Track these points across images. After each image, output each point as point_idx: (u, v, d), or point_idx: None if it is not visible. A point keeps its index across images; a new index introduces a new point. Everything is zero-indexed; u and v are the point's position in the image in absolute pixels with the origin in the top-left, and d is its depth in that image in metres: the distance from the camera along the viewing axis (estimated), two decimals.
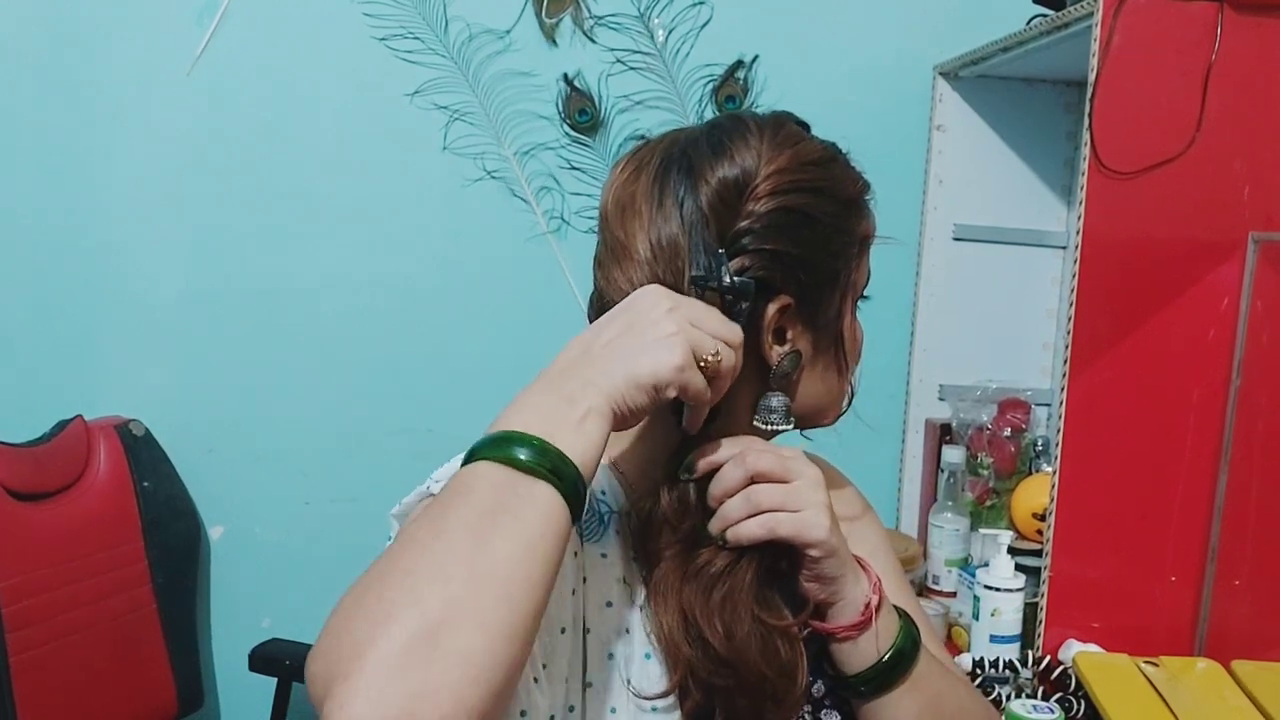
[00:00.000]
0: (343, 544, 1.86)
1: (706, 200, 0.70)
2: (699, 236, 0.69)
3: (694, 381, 0.63)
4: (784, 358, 0.72)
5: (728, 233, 0.70)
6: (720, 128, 0.74)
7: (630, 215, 0.72)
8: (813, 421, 0.80)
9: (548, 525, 0.56)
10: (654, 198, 0.71)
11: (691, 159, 0.72)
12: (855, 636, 0.73)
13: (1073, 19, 1.36)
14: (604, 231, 0.75)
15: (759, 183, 0.70)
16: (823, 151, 0.75)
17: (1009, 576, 1.39)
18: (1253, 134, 1.29)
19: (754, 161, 0.71)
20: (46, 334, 1.81)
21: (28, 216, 1.78)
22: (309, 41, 1.81)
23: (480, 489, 0.57)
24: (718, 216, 0.70)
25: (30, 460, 1.62)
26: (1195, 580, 1.34)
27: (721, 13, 1.85)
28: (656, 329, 0.63)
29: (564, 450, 0.58)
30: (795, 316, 0.73)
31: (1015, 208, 1.84)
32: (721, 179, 0.70)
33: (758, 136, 0.72)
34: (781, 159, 0.71)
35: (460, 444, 0.64)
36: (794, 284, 0.72)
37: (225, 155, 1.81)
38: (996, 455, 1.73)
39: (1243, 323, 1.31)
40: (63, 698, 1.58)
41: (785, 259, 0.71)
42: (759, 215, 0.70)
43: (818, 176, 0.73)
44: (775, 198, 0.70)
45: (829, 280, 0.74)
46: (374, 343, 1.87)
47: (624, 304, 0.66)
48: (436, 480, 0.70)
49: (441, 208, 1.86)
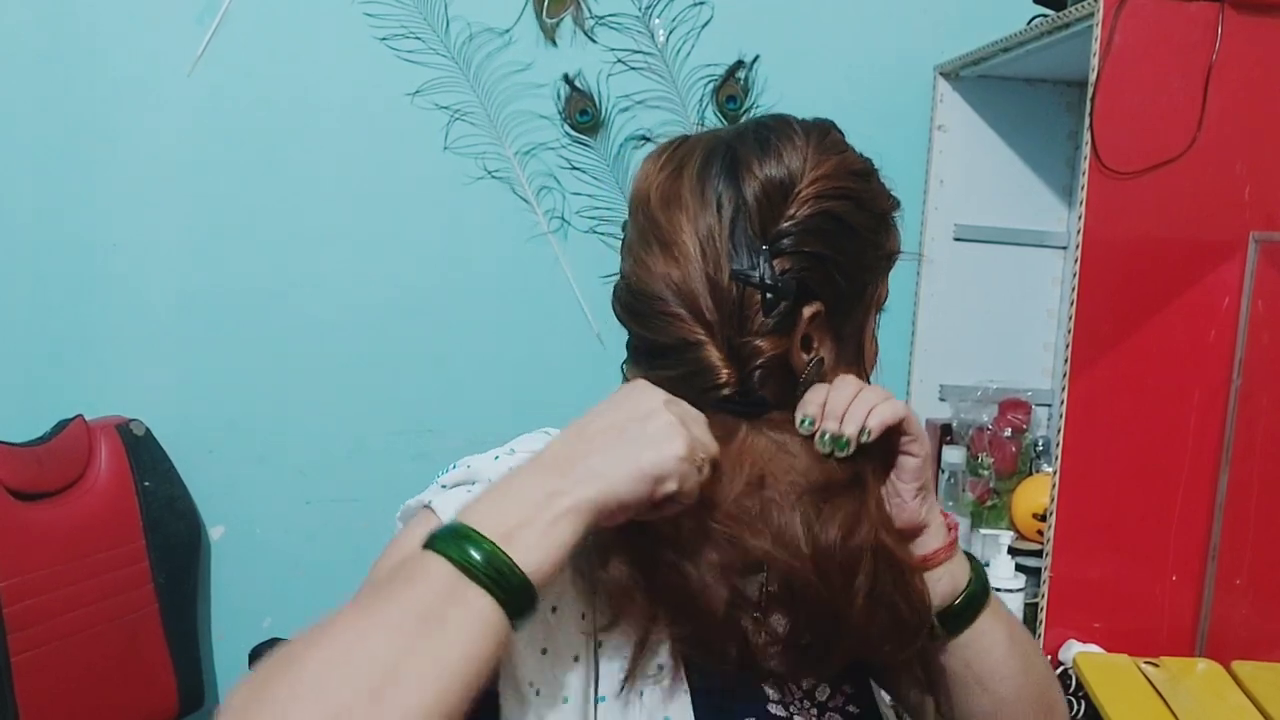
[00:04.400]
0: (343, 544, 1.87)
1: (752, 196, 0.70)
2: (742, 231, 0.70)
3: (691, 477, 0.62)
4: (810, 364, 0.72)
5: (769, 231, 0.70)
6: (767, 127, 0.74)
7: (676, 209, 0.72)
8: None
9: (482, 635, 0.56)
10: (699, 192, 0.71)
11: (738, 155, 0.72)
12: (948, 559, 0.74)
13: (1073, 19, 1.36)
14: (643, 221, 0.74)
15: (803, 186, 0.70)
16: (864, 164, 0.76)
17: (1009, 577, 1.39)
18: (1253, 134, 1.29)
19: (800, 164, 0.71)
20: (47, 334, 1.81)
21: (28, 216, 1.78)
22: (309, 42, 1.81)
23: (423, 587, 0.56)
24: (761, 214, 0.70)
25: (31, 460, 1.62)
26: (1196, 580, 1.34)
27: (721, 13, 1.85)
28: (656, 420, 0.62)
29: (516, 560, 0.57)
30: (824, 325, 0.73)
31: (1016, 208, 1.84)
32: (768, 177, 0.70)
33: (804, 139, 0.72)
34: (827, 165, 0.72)
35: (460, 444, 0.64)
36: (828, 291, 0.72)
37: (225, 155, 1.81)
38: (997, 455, 1.73)
39: (1243, 323, 1.31)
40: (64, 697, 1.58)
41: (824, 263, 0.71)
42: (802, 218, 0.70)
43: (859, 188, 0.73)
44: (819, 202, 0.70)
45: (858, 291, 0.75)
46: (374, 343, 1.87)
47: (617, 397, 0.65)
48: (444, 485, 0.69)
49: (442, 208, 1.86)
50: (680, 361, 0.70)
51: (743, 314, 0.69)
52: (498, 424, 1.83)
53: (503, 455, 0.71)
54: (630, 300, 0.73)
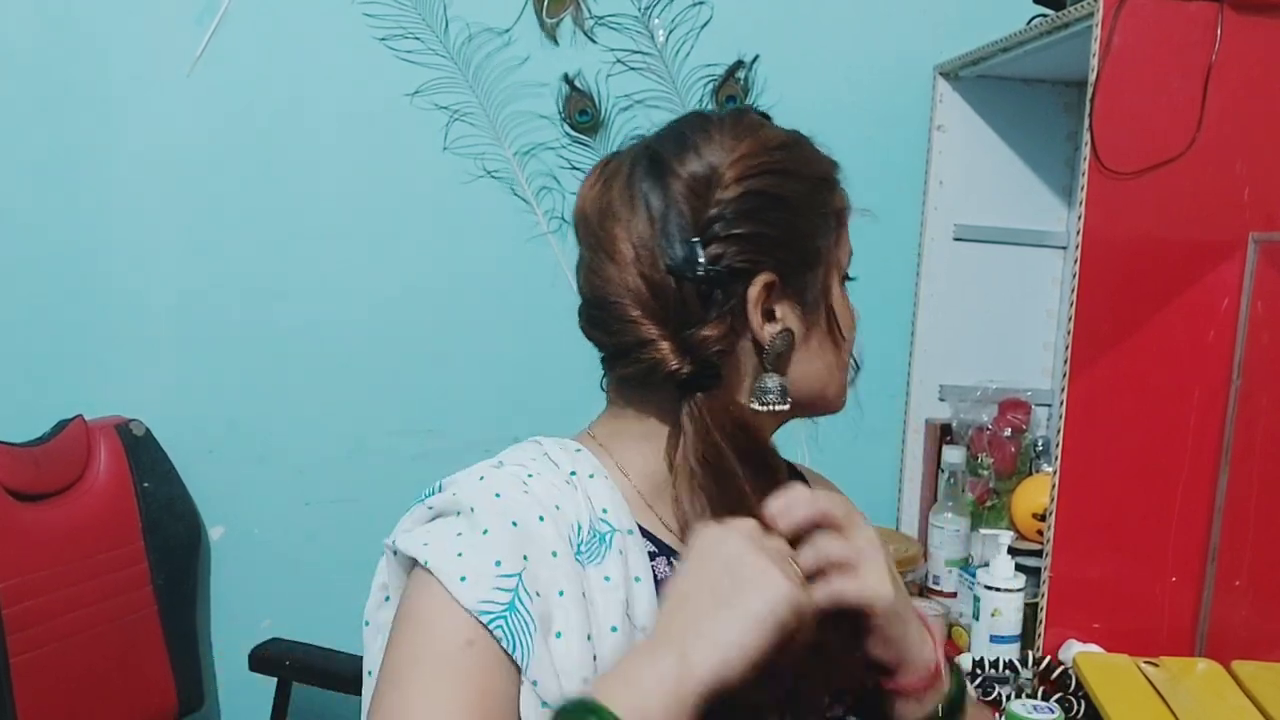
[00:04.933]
0: (343, 544, 1.86)
1: (679, 195, 0.72)
2: (673, 229, 0.72)
3: (805, 600, 0.63)
4: (776, 336, 0.74)
5: (701, 222, 0.72)
6: (683, 124, 0.77)
7: (610, 220, 0.75)
8: (819, 404, 0.80)
9: None
10: (628, 199, 0.74)
11: (659, 157, 0.74)
12: (921, 696, 0.73)
13: (1073, 19, 1.36)
14: (585, 237, 0.77)
15: (725, 171, 0.72)
16: (785, 136, 0.77)
17: (1009, 577, 1.39)
18: (1253, 134, 1.29)
19: (718, 152, 0.73)
20: (46, 334, 1.80)
21: (28, 216, 1.78)
22: (309, 42, 1.81)
23: None
24: (692, 209, 0.72)
25: (30, 460, 1.62)
26: (1196, 580, 1.34)
27: (721, 13, 1.85)
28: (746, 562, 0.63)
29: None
30: (782, 294, 0.74)
31: (1015, 208, 1.84)
32: (691, 174, 0.72)
33: (719, 129, 0.75)
34: (744, 145, 0.73)
35: (460, 444, 0.64)
36: (772, 263, 0.73)
37: (225, 156, 1.81)
38: (997, 455, 1.73)
39: (1243, 323, 1.31)
40: (63, 698, 1.58)
41: (760, 241, 0.72)
42: (728, 201, 0.72)
43: (782, 159, 0.75)
44: (742, 183, 0.72)
45: (810, 257, 0.76)
46: (374, 343, 1.87)
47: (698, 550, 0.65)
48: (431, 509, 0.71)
49: (442, 208, 1.86)
50: (638, 360, 0.72)
51: (686, 307, 0.71)
52: (498, 424, 1.85)
53: (488, 474, 0.72)
54: (588, 311, 0.77)
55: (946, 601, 1.63)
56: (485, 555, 0.66)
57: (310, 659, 1.72)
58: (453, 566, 0.66)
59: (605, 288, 0.74)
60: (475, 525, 0.68)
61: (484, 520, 0.68)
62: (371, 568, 0.75)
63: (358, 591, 0.76)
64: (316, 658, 1.72)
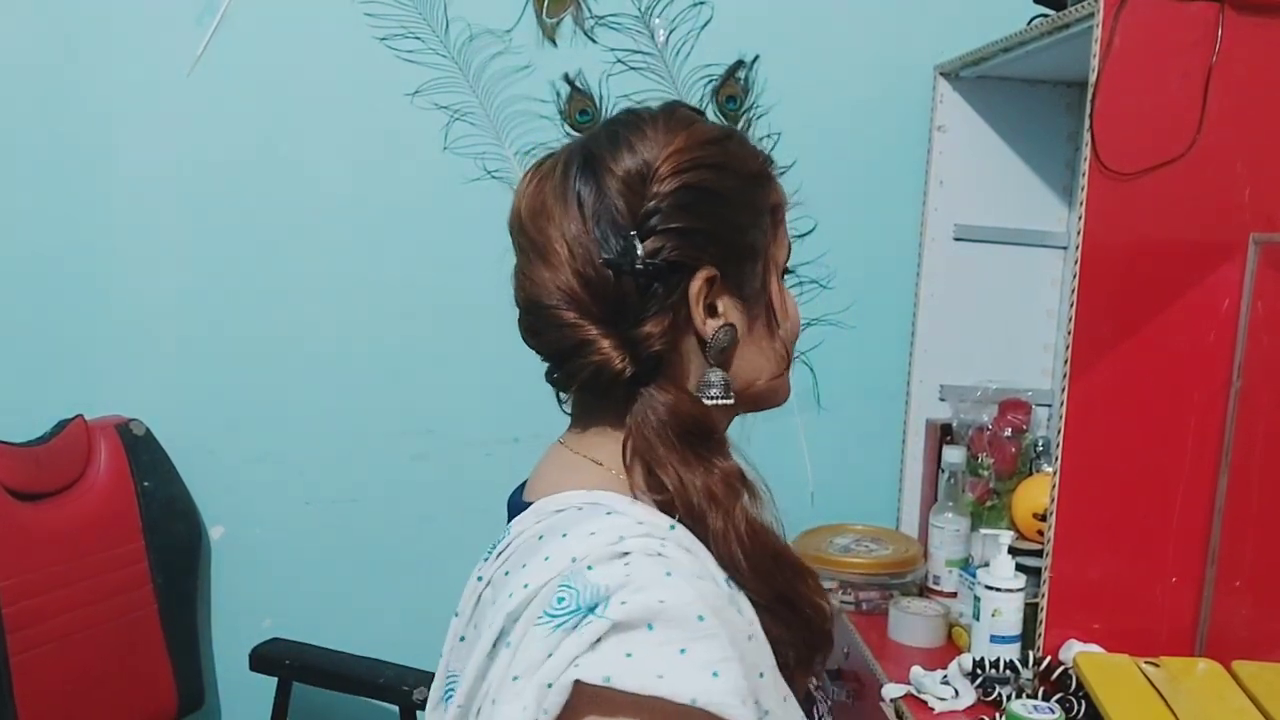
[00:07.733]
0: (343, 544, 1.86)
1: (614, 190, 0.72)
2: (609, 224, 0.71)
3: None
4: (719, 331, 0.74)
5: (637, 217, 0.72)
6: (616, 122, 0.77)
7: (543, 219, 0.74)
8: (764, 398, 0.80)
9: None
10: (562, 197, 0.74)
11: (592, 154, 0.74)
12: None
13: (1073, 19, 1.36)
14: (520, 239, 0.77)
15: (659, 165, 0.72)
16: (719, 131, 0.77)
17: (1009, 577, 1.38)
18: (1254, 135, 1.29)
19: (652, 147, 0.73)
20: (46, 334, 1.81)
21: (28, 217, 1.78)
22: (309, 42, 1.81)
23: None
24: (627, 204, 0.72)
25: (30, 460, 1.62)
26: (1196, 581, 1.34)
27: (721, 13, 1.85)
28: None
29: None
30: (723, 289, 0.74)
31: (1016, 208, 1.84)
32: (625, 170, 0.72)
33: (652, 125, 0.75)
34: (678, 140, 0.73)
35: (460, 444, 0.64)
36: (711, 257, 0.73)
37: (225, 156, 1.81)
38: (997, 456, 1.73)
39: (1243, 324, 1.31)
40: (63, 698, 1.59)
41: (696, 235, 0.72)
42: (664, 195, 0.72)
43: (716, 153, 0.75)
44: (677, 177, 0.72)
45: (747, 252, 0.76)
46: (374, 343, 1.87)
47: None
48: (617, 625, 0.62)
49: (442, 207, 1.86)
50: (581, 365, 0.71)
51: (624, 303, 0.71)
52: (497, 424, 1.85)
53: (676, 574, 0.64)
54: (525, 318, 0.76)
55: (947, 601, 1.63)
56: (736, 669, 0.62)
57: (310, 659, 1.72)
58: (733, 699, 0.60)
59: (539, 291, 0.74)
60: (712, 633, 0.62)
61: (712, 626, 0.62)
62: (372, 568, 0.74)
63: (358, 591, 0.77)
64: (316, 657, 1.72)
